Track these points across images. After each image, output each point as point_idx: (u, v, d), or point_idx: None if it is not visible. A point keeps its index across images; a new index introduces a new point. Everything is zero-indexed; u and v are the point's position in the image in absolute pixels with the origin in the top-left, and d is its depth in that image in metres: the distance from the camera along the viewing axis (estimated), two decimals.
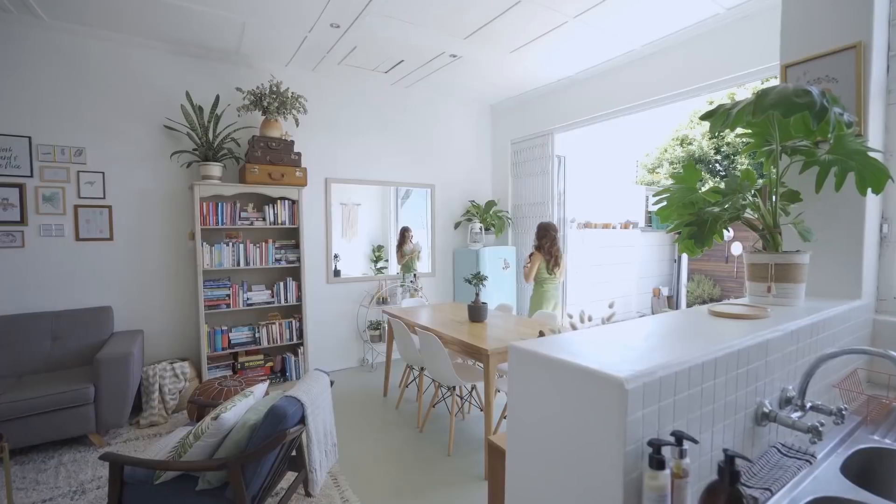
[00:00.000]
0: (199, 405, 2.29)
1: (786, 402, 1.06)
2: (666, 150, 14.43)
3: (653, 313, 8.41)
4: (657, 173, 14.20)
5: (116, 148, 3.47)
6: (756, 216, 1.55)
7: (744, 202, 1.55)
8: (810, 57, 1.57)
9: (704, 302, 7.96)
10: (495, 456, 1.51)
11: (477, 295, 3.19)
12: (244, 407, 1.90)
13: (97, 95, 3.40)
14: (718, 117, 1.28)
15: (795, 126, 1.30)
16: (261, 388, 2.09)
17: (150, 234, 3.61)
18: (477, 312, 3.12)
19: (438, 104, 5.03)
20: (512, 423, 0.91)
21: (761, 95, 1.10)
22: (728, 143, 12.12)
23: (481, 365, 2.84)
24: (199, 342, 3.58)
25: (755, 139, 1.58)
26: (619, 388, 0.68)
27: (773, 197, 1.45)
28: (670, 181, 1.73)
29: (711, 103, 9.70)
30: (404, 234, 4.90)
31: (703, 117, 1.33)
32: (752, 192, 1.56)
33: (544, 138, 4.79)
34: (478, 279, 3.14)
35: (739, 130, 1.49)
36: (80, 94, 3.34)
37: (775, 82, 1.49)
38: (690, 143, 13.34)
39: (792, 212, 1.55)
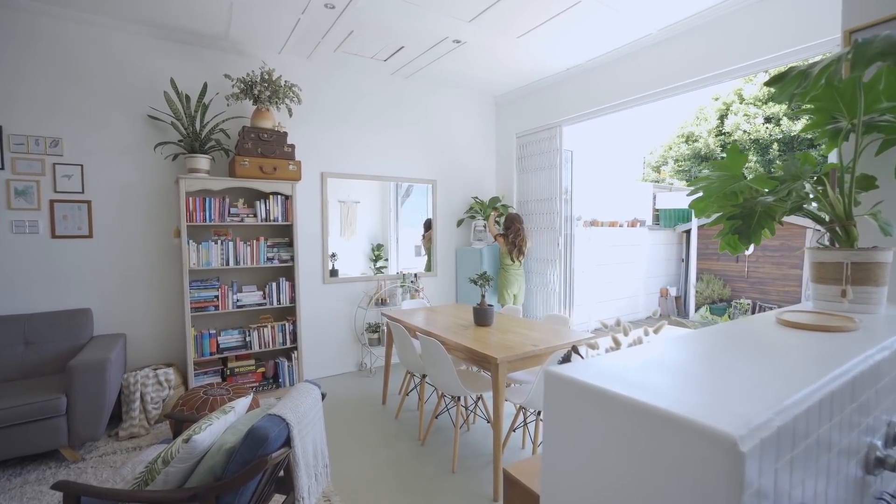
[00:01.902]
0: (177, 420, 2.05)
1: (895, 440, 0.83)
2: (671, 148, 14.20)
3: (661, 314, 8.17)
4: (662, 171, 13.96)
5: (96, 139, 3.24)
6: (819, 206, 1.32)
7: (804, 190, 1.32)
8: (882, 19, 1.34)
9: (714, 302, 7.72)
10: (513, 490, 1.28)
11: (483, 296, 2.96)
12: (222, 426, 1.67)
13: (75, 82, 3.16)
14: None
15: (888, 91, 1.07)
16: (243, 402, 1.86)
17: (132, 231, 3.38)
18: (483, 315, 2.89)
19: (440, 95, 4.79)
20: (549, 477, 0.68)
21: (861, 45, 0.86)
22: (735, 141, 11.88)
23: (487, 373, 2.61)
24: (185, 347, 3.35)
25: (818, 115, 1.34)
26: (732, 451, 0.45)
27: (846, 183, 1.22)
28: (676, 180, 1.48)
29: (717, 98, 9.44)
30: (429, 224, 4.87)
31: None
32: (814, 177, 1.33)
33: (551, 131, 4.55)
34: (484, 279, 2.91)
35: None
36: (57, 81, 3.11)
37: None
38: (696, 141, 13.10)
39: (862, 201, 1.32)
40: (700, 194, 1.51)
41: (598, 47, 3.70)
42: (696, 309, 7.85)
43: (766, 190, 1.40)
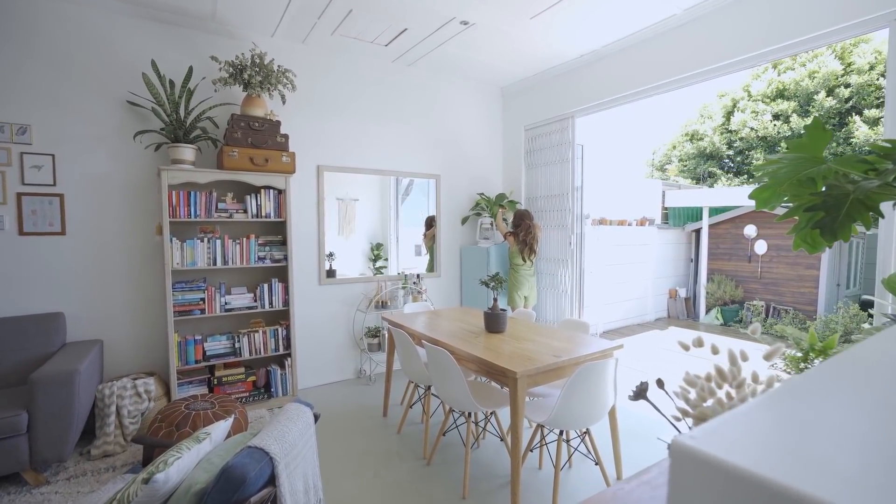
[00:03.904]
0: (146, 445, 1.77)
1: None
2: (675, 147, 13.95)
3: (669, 316, 7.91)
4: (666, 170, 13.70)
5: (69, 126, 2.95)
6: None
7: None
8: None
9: (726, 304, 7.46)
10: None
11: (495, 300, 2.68)
12: (193, 458, 1.39)
13: (46, 64, 2.88)
14: None
15: None
16: (221, 427, 1.58)
17: (110, 228, 3.09)
18: (495, 321, 2.61)
19: (445, 85, 4.52)
20: None
21: None
22: (741, 139, 11.64)
23: (499, 385, 2.33)
24: (167, 354, 3.06)
25: None
26: None
27: None
28: (681, 179, 1.19)
29: (723, 95, 9.26)
30: (430, 222, 4.58)
31: None
32: None
33: (563, 123, 4.28)
34: (496, 281, 2.64)
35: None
36: (26, 62, 2.82)
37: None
38: (701, 139, 12.85)
39: None
40: (765, 181, 1.23)
41: (617, 30, 3.43)
42: (707, 311, 7.59)
43: (855, 175, 1.13)
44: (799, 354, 1.36)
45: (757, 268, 7.31)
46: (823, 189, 1.21)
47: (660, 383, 0.71)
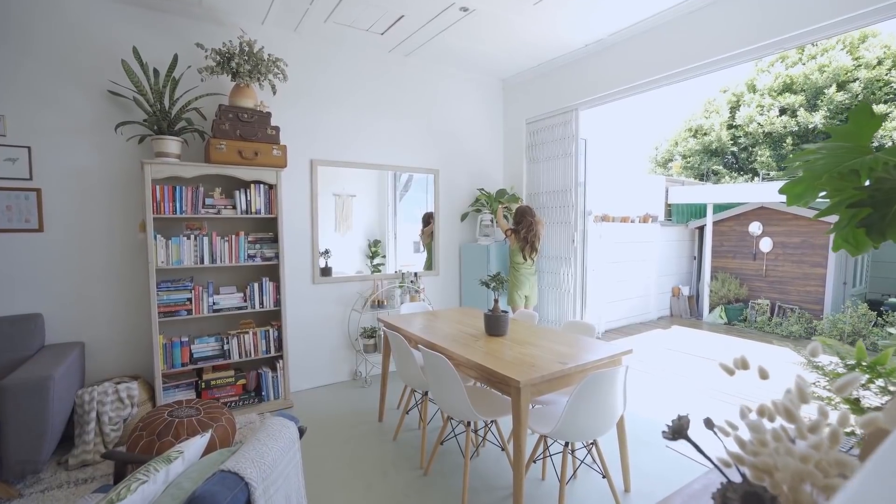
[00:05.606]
0: (118, 461, 1.63)
1: None
2: (677, 143, 13.76)
3: (672, 314, 7.78)
4: (675, 165, 13.52)
5: (46, 117, 2.79)
6: None
7: None
8: None
9: (730, 302, 7.32)
10: None
11: (496, 301, 2.54)
12: (161, 482, 1.25)
13: (21, 51, 2.72)
14: None
15: None
16: (195, 445, 1.43)
17: (90, 225, 2.94)
18: (497, 324, 2.47)
19: (443, 76, 4.35)
20: None
21: None
22: (747, 134, 11.46)
23: (500, 392, 2.19)
24: (152, 357, 2.91)
25: None
26: None
27: None
28: (684, 177, 1.03)
29: (725, 91, 9.14)
30: (428, 219, 4.44)
31: None
32: None
33: (566, 116, 4.12)
34: (497, 281, 2.49)
35: None
36: None
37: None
38: (706, 134, 12.66)
39: None
40: (798, 174, 1.08)
41: (625, 17, 3.26)
42: (711, 309, 7.46)
43: None
44: (842, 370, 1.22)
45: (762, 266, 7.17)
46: (869, 183, 1.04)
47: (708, 423, 0.56)
